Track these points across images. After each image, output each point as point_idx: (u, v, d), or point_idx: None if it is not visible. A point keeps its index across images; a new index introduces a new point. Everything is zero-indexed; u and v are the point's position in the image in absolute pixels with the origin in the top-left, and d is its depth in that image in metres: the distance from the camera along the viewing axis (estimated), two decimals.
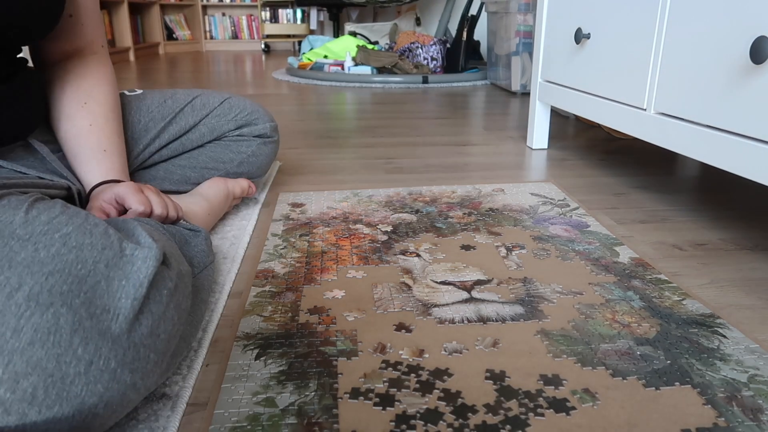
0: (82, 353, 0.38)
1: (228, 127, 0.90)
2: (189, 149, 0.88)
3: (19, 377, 0.36)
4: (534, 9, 2.22)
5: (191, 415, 0.48)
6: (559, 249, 0.79)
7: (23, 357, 0.36)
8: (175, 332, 0.47)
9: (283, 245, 0.81)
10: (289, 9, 5.07)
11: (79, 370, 0.38)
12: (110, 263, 0.43)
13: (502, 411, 0.47)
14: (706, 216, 0.94)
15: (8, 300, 0.37)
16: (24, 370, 0.36)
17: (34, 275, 0.39)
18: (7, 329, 0.37)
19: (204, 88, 0.94)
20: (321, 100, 2.20)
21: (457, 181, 1.13)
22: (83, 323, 0.39)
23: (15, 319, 0.37)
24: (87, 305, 0.40)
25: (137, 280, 0.44)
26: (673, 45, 0.90)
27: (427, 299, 0.65)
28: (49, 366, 0.37)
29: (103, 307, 0.41)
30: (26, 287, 0.38)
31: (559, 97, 1.30)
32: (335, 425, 0.46)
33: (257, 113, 0.93)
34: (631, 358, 0.54)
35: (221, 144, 0.90)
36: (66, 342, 0.38)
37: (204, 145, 0.89)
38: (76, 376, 0.38)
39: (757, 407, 0.48)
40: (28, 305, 0.38)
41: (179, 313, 0.48)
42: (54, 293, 0.39)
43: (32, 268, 0.39)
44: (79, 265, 0.41)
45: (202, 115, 0.87)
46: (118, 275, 0.43)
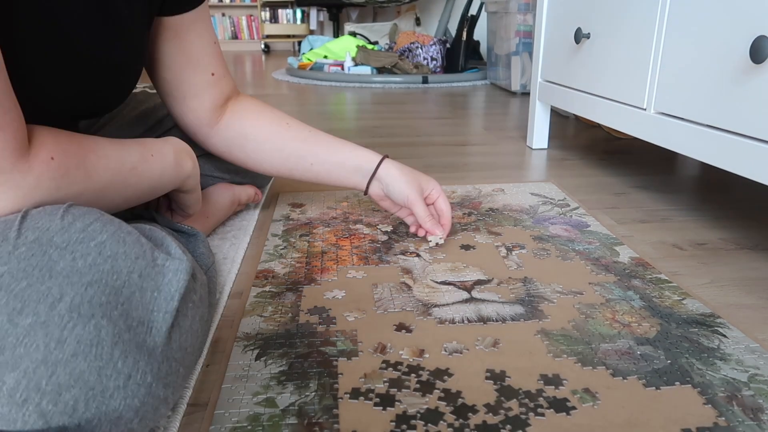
0: (122, 367, 0.38)
1: None
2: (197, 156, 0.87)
3: (62, 389, 0.36)
4: (534, 9, 2.22)
5: (191, 415, 0.48)
6: (559, 249, 0.79)
7: (67, 369, 0.36)
8: (199, 345, 0.47)
9: (284, 245, 0.81)
10: (288, 9, 5.07)
11: (119, 383, 0.38)
12: (143, 273, 0.43)
13: (502, 411, 0.47)
14: (707, 215, 0.94)
15: (51, 311, 0.37)
16: (67, 382, 0.36)
17: (74, 285, 0.38)
18: (51, 340, 0.36)
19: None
20: (321, 101, 2.20)
21: (457, 181, 1.13)
22: (122, 336, 0.39)
23: (59, 330, 0.36)
24: (125, 317, 0.40)
25: (168, 293, 0.43)
26: (673, 45, 0.90)
27: (428, 299, 0.65)
28: (91, 379, 0.36)
29: (139, 320, 0.41)
30: (68, 298, 0.37)
31: (559, 97, 1.30)
32: (335, 425, 0.46)
33: None
34: (631, 358, 0.54)
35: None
36: (107, 355, 0.37)
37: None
38: (115, 390, 0.37)
39: (758, 407, 0.48)
40: (71, 316, 0.37)
41: (202, 325, 0.48)
42: (94, 304, 0.38)
43: (72, 278, 0.38)
44: (115, 276, 0.41)
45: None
46: (150, 286, 0.43)
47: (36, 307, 0.36)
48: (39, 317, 0.36)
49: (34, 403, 0.35)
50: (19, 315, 0.36)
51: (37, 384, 0.35)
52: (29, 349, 0.35)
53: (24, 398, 0.35)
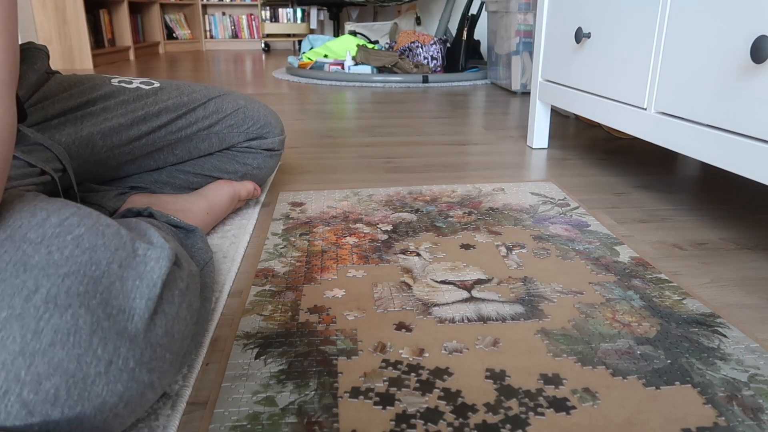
0: (101, 353, 0.38)
1: (238, 139, 0.88)
2: (196, 157, 0.87)
3: (42, 378, 0.36)
4: (534, 8, 2.22)
5: (191, 414, 0.48)
6: (560, 248, 0.79)
7: (45, 358, 0.36)
8: (188, 332, 0.48)
9: (283, 244, 0.81)
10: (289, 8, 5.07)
11: (100, 370, 0.38)
12: (123, 263, 0.43)
13: (502, 410, 0.47)
14: (707, 215, 0.94)
15: (26, 303, 0.37)
16: (46, 371, 0.36)
17: (50, 277, 0.39)
18: (27, 331, 0.37)
19: (222, 87, 0.91)
20: (321, 100, 2.20)
21: (457, 180, 1.13)
22: (101, 323, 0.39)
23: (35, 322, 0.37)
24: (104, 306, 0.40)
25: (150, 280, 0.44)
26: (673, 44, 0.90)
27: (428, 298, 0.65)
28: (70, 366, 0.37)
29: (119, 308, 0.41)
30: (43, 289, 0.38)
31: (559, 97, 1.30)
32: (335, 424, 0.46)
33: (269, 126, 0.91)
34: (631, 358, 0.54)
35: (228, 154, 0.89)
36: (86, 342, 0.38)
37: (212, 153, 0.88)
38: (96, 376, 0.38)
39: (758, 407, 0.48)
40: (47, 307, 0.38)
41: (191, 312, 0.48)
42: (71, 294, 0.39)
43: (47, 270, 0.39)
44: (93, 267, 0.41)
45: (212, 120, 0.85)
46: (131, 275, 0.43)
47: (10, 300, 0.37)
48: (14, 310, 0.37)
49: (15, 394, 0.36)
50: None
51: (16, 375, 0.36)
52: (6, 342, 0.36)
53: (5, 390, 0.36)
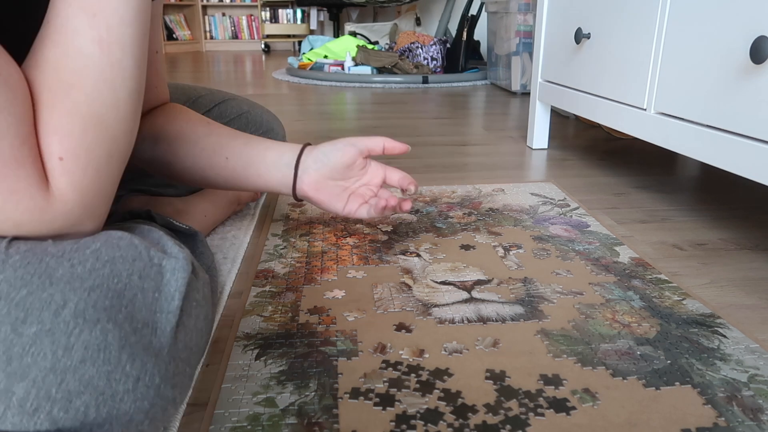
0: (130, 370, 0.38)
1: None
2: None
3: (73, 396, 0.36)
4: (534, 9, 2.22)
5: (191, 415, 0.48)
6: (559, 249, 0.79)
7: (76, 375, 0.36)
8: (203, 344, 0.47)
9: (283, 245, 0.81)
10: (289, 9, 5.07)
11: (128, 387, 0.38)
12: (143, 274, 0.42)
13: (502, 411, 0.47)
14: (707, 216, 0.94)
15: (56, 317, 0.36)
16: (77, 388, 0.36)
17: (77, 291, 0.38)
18: (58, 348, 0.36)
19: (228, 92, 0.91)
20: (321, 100, 2.20)
21: (457, 181, 1.13)
22: (129, 339, 0.39)
23: (65, 337, 0.36)
24: (129, 320, 0.39)
25: (168, 293, 0.43)
26: (673, 45, 0.90)
27: (427, 299, 0.65)
28: (100, 384, 0.36)
29: (143, 322, 0.40)
30: (71, 304, 0.37)
31: (559, 97, 1.30)
32: (335, 425, 0.46)
33: (272, 132, 0.91)
34: (631, 358, 0.54)
35: None
36: (115, 359, 0.37)
37: None
38: (125, 394, 0.37)
39: (758, 407, 0.48)
40: (77, 322, 0.37)
41: (207, 324, 0.48)
42: (99, 309, 0.38)
43: (73, 284, 0.38)
44: (115, 279, 0.41)
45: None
46: (151, 287, 0.43)
47: (40, 314, 0.36)
48: (44, 325, 0.36)
49: (45, 412, 0.35)
50: (23, 324, 0.36)
51: (47, 392, 0.35)
52: (37, 358, 0.35)
53: (35, 407, 0.35)
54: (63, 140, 0.41)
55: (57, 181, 0.41)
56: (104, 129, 0.43)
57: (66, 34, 0.42)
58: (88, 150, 0.42)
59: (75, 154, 0.41)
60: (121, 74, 0.44)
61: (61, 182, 0.41)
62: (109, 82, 0.43)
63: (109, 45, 0.43)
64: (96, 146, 0.43)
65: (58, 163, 0.41)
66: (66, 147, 0.41)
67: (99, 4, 0.43)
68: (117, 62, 0.44)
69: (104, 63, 0.43)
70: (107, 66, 0.43)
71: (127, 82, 0.45)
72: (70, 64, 0.42)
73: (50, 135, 0.41)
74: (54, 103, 0.41)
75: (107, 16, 0.43)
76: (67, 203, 0.41)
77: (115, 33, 0.43)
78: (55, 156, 0.41)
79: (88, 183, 0.42)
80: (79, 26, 0.42)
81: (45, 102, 0.41)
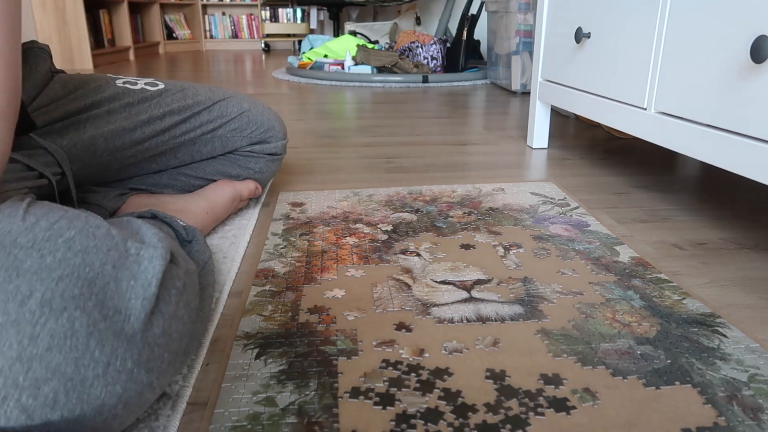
0: (99, 355, 0.38)
1: (241, 143, 0.88)
2: (198, 160, 0.87)
3: (40, 383, 0.36)
4: (534, 8, 2.22)
5: (191, 414, 0.48)
6: (560, 248, 0.79)
7: (42, 363, 0.36)
8: (186, 331, 0.47)
9: (284, 244, 0.81)
10: (289, 8, 5.07)
11: (98, 372, 0.38)
12: (117, 264, 0.43)
13: (502, 410, 0.47)
14: (707, 215, 0.94)
15: (21, 308, 0.37)
16: (44, 375, 0.36)
17: (44, 281, 0.38)
18: (24, 337, 0.36)
19: (228, 89, 0.91)
20: (321, 100, 2.20)
21: (457, 180, 1.13)
22: (98, 325, 0.39)
23: (30, 326, 0.37)
24: (99, 307, 0.40)
25: (145, 279, 0.44)
26: (673, 44, 0.90)
27: (427, 299, 0.65)
28: (68, 370, 0.37)
29: (115, 309, 0.41)
30: (38, 294, 0.38)
31: (559, 97, 1.30)
32: (335, 424, 0.46)
33: (273, 130, 0.91)
34: (631, 358, 0.54)
35: (230, 158, 0.89)
36: (83, 345, 0.38)
37: (215, 156, 0.88)
38: (95, 379, 0.38)
39: (758, 406, 0.48)
40: (42, 311, 0.37)
41: (189, 311, 0.48)
42: (66, 297, 0.39)
43: (41, 274, 0.39)
44: (87, 268, 0.41)
45: (216, 124, 0.84)
46: (126, 275, 0.43)
47: (5, 306, 0.37)
48: (9, 316, 0.37)
49: (14, 399, 0.36)
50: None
51: (14, 380, 0.36)
52: (2, 348, 0.36)
53: (3, 395, 0.36)
54: None
55: None
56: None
57: None
58: None
59: None
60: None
61: None
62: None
63: None
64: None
65: None
66: None
67: None
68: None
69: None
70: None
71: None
72: None
73: None
74: None
75: None
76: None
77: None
78: None
79: None
80: None
81: None
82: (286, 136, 0.95)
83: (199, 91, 0.85)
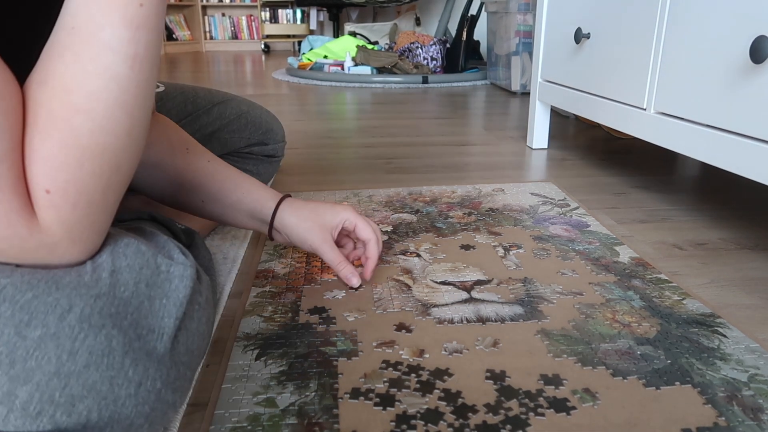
0: (132, 375, 0.38)
1: (240, 144, 0.88)
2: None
3: (76, 400, 0.36)
4: (534, 9, 2.22)
5: (191, 415, 0.48)
6: (559, 249, 0.79)
7: (80, 380, 0.36)
8: (204, 347, 0.47)
9: (284, 245, 0.81)
10: (288, 9, 5.07)
11: (130, 392, 0.38)
12: (150, 282, 0.42)
13: (502, 411, 0.47)
14: (707, 215, 0.94)
15: (61, 322, 0.36)
16: (80, 393, 0.36)
17: (83, 297, 0.38)
18: (63, 352, 0.36)
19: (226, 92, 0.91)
20: (321, 100, 2.20)
21: (457, 181, 1.13)
22: (133, 344, 0.39)
23: (70, 342, 0.36)
24: (134, 326, 0.39)
25: (177, 299, 0.43)
26: (673, 45, 0.90)
27: (427, 299, 0.65)
28: (103, 389, 0.37)
29: (149, 328, 0.41)
30: (77, 309, 0.37)
31: (559, 97, 1.30)
32: (335, 425, 0.46)
33: (271, 132, 0.91)
34: (631, 358, 0.54)
35: (228, 159, 0.89)
36: (119, 364, 0.37)
37: None
38: (127, 398, 0.38)
39: (758, 407, 0.48)
40: (81, 327, 0.37)
41: (208, 327, 0.48)
42: (104, 315, 0.38)
43: (80, 290, 0.38)
44: (122, 288, 0.40)
45: (215, 127, 0.84)
46: (158, 294, 0.42)
47: (45, 318, 0.36)
48: (48, 329, 0.36)
49: (48, 415, 0.35)
50: (27, 327, 0.35)
51: (50, 396, 0.35)
52: (41, 362, 0.35)
53: (38, 411, 0.35)
54: (51, 172, 0.36)
55: (42, 212, 0.37)
56: (107, 159, 0.38)
57: (96, 48, 0.36)
58: (80, 184, 0.37)
59: (63, 189, 0.37)
60: (143, 96, 0.39)
61: (46, 215, 0.37)
62: (128, 107, 0.38)
63: (142, 63, 0.38)
64: (92, 179, 0.38)
65: (44, 195, 0.36)
66: (54, 179, 0.36)
67: (145, 17, 0.37)
68: (144, 82, 0.38)
69: (130, 84, 0.38)
70: (132, 87, 0.38)
71: (146, 103, 0.40)
72: (87, 84, 0.36)
73: (38, 164, 0.36)
74: (50, 131, 0.36)
75: (150, 29, 0.37)
76: (54, 236, 0.38)
77: (151, 50, 0.38)
78: (41, 187, 0.36)
79: (78, 218, 0.38)
80: (114, 40, 0.36)
81: (41, 126, 0.36)
82: (285, 138, 0.95)
83: (198, 94, 0.85)
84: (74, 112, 0.36)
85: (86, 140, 0.37)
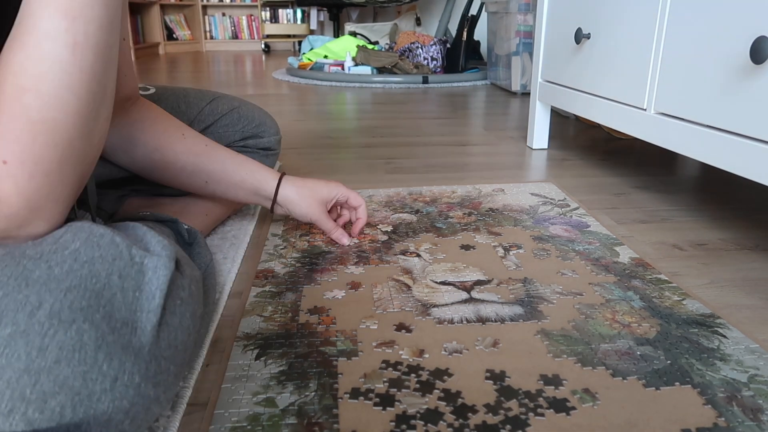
0: (107, 369, 0.38)
1: (233, 138, 0.88)
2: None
3: (47, 397, 0.36)
4: (534, 9, 2.22)
5: (191, 415, 0.48)
6: (560, 249, 0.79)
7: (50, 376, 0.36)
8: (191, 342, 0.47)
9: (283, 245, 0.81)
10: (289, 9, 5.07)
11: (105, 386, 0.37)
12: (123, 273, 0.42)
13: (502, 411, 0.47)
14: (707, 216, 0.94)
15: (30, 319, 0.36)
16: (51, 389, 0.36)
17: (53, 292, 0.38)
18: (32, 348, 0.36)
19: (216, 91, 0.92)
20: (321, 100, 2.20)
21: (457, 181, 1.13)
22: (106, 338, 0.38)
23: (39, 338, 0.36)
24: (107, 320, 0.39)
25: (150, 291, 0.43)
26: (673, 45, 0.90)
27: (427, 299, 0.65)
28: (76, 384, 0.36)
29: (123, 321, 0.40)
30: (47, 305, 0.37)
31: (559, 97, 1.30)
32: (335, 425, 0.46)
33: (264, 125, 0.91)
34: (631, 358, 0.54)
35: None
36: (91, 359, 0.37)
37: None
38: (102, 393, 0.37)
39: (757, 407, 0.48)
40: (51, 323, 0.37)
41: (194, 321, 0.48)
42: (75, 309, 0.38)
43: (49, 285, 0.38)
44: (94, 279, 0.40)
45: (208, 122, 0.85)
46: (131, 286, 0.42)
47: (14, 316, 0.36)
48: (18, 326, 0.36)
49: (20, 413, 0.35)
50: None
51: (21, 393, 0.35)
52: (11, 359, 0.35)
53: (9, 408, 0.35)
54: (7, 144, 0.40)
55: (1, 183, 0.40)
56: (59, 134, 0.42)
57: (37, 36, 0.41)
58: (35, 155, 0.41)
59: (20, 159, 0.40)
60: (88, 79, 0.43)
61: (4, 185, 0.40)
62: (74, 88, 0.42)
63: (83, 50, 0.42)
64: (46, 151, 0.41)
65: (1, 166, 0.40)
66: (10, 151, 0.40)
67: (80, 8, 0.41)
68: (88, 67, 0.43)
69: (73, 68, 0.42)
70: (76, 71, 0.42)
71: (92, 86, 0.43)
72: (31, 68, 0.41)
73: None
74: (3, 108, 0.40)
75: (87, 21, 0.42)
76: (11, 206, 0.41)
77: (92, 39, 0.42)
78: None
79: (35, 188, 0.41)
80: (53, 29, 0.41)
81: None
82: (279, 132, 0.95)
83: (189, 98, 0.86)
84: (23, 91, 0.41)
85: (36, 115, 0.41)
